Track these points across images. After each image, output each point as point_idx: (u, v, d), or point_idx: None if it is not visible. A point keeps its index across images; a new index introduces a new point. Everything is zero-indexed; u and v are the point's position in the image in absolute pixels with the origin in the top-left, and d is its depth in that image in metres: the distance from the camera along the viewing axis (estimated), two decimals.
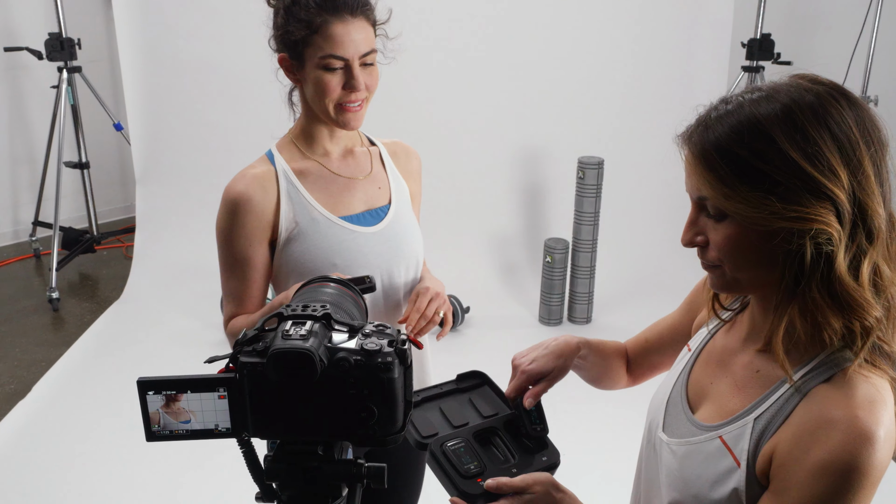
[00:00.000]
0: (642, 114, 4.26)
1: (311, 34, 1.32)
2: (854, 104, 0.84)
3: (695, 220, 0.91)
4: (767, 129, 0.83)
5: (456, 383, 1.23)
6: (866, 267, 0.83)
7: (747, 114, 0.84)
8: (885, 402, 0.84)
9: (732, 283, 0.92)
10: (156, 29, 4.06)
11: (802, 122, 0.82)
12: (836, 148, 0.82)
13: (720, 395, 0.97)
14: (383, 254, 1.45)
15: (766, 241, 0.85)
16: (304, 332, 0.79)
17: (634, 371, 1.30)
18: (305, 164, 1.45)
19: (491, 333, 3.79)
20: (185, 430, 0.82)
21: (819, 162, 0.81)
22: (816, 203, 0.81)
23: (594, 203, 3.75)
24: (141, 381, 0.81)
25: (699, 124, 0.88)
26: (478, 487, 1.01)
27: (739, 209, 0.84)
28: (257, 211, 1.39)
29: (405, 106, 3.91)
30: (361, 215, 1.46)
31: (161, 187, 4.26)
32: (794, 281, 0.85)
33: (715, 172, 0.85)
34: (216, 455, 2.63)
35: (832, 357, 0.87)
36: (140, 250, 4.24)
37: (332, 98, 1.35)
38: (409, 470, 1.67)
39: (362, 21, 1.35)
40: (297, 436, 0.83)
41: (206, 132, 4.18)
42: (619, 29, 4.17)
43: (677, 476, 0.97)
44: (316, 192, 1.43)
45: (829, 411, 0.83)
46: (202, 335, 3.68)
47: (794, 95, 0.84)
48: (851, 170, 0.82)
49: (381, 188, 1.50)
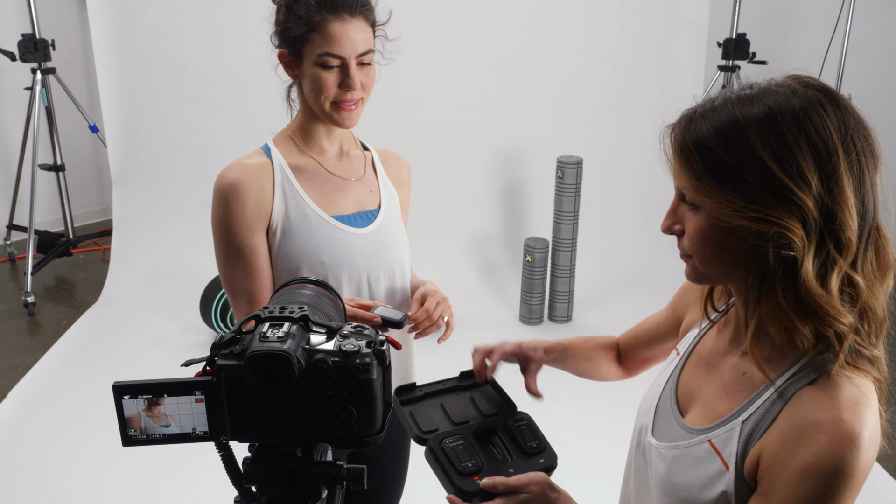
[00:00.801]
0: (621, 113, 4.28)
1: (309, 31, 1.34)
2: (841, 110, 0.84)
3: (675, 208, 0.93)
4: (744, 129, 0.83)
5: (459, 380, 1.24)
6: (835, 277, 0.83)
7: (730, 112, 0.85)
8: (869, 404, 0.84)
9: (702, 274, 0.93)
10: (131, 29, 4.02)
11: (781, 125, 0.82)
12: (810, 154, 0.81)
13: (708, 399, 0.98)
14: (371, 256, 1.45)
15: (728, 236, 0.86)
16: (281, 333, 0.78)
17: (626, 364, 1.32)
18: (302, 159, 1.45)
19: (471, 333, 3.75)
20: (162, 435, 0.82)
21: (789, 166, 0.81)
22: (781, 207, 0.82)
23: (573, 202, 3.77)
24: (116, 385, 0.80)
25: (684, 118, 0.90)
26: (474, 485, 1.01)
27: (706, 202, 0.86)
28: (254, 199, 1.38)
29: (385, 106, 3.90)
30: (352, 216, 1.46)
31: (138, 189, 4.22)
32: (758, 282, 0.86)
33: (689, 164, 0.87)
34: (197, 459, 2.61)
35: (815, 360, 0.87)
36: (117, 253, 4.20)
37: (328, 96, 1.36)
38: (392, 470, 1.66)
39: (361, 21, 1.36)
40: (276, 438, 0.82)
41: (184, 133, 4.15)
42: (596, 30, 4.20)
43: (667, 480, 0.98)
44: (310, 189, 1.43)
45: (814, 414, 0.84)
46: (181, 338, 3.65)
47: (779, 98, 0.84)
48: (824, 178, 0.81)
49: (373, 192, 1.51)
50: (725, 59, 4.09)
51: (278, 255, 1.41)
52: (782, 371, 0.89)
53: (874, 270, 0.86)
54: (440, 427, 1.12)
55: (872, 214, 0.85)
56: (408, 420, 1.14)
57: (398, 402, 1.18)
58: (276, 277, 1.43)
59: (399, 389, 1.20)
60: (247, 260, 1.39)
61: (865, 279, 0.86)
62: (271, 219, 1.40)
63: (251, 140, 1.60)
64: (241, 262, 1.39)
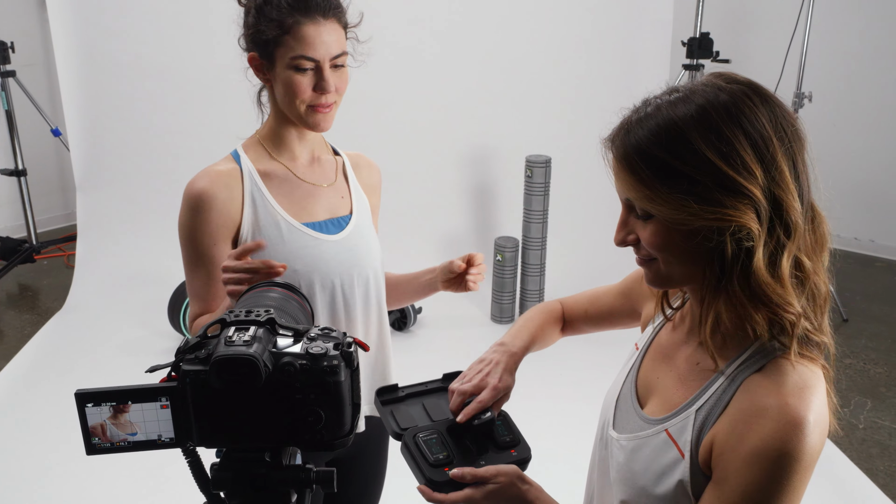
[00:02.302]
0: (588, 112, 4.31)
1: (282, 34, 1.31)
2: (767, 101, 0.86)
3: (625, 220, 0.94)
4: (683, 131, 0.85)
5: (441, 382, 1.25)
6: (786, 261, 0.86)
7: (664, 116, 0.87)
8: (816, 388, 0.86)
9: (666, 278, 0.94)
10: (93, 31, 3.95)
11: (717, 122, 0.84)
12: (750, 146, 0.84)
13: (665, 389, 1.00)
14: (343, 263, 1.44)
15: (690, 239, 0.87)
16: (247, 337, 0.78)
17: (568, 331, 1.36)
18: (272, 165, 1.43)
19: (443, 333, 3.80)
20: (126, 442, 0.81)
21: (734, 160, 0.83)
22: (734, 200, 0.84)
23: (542, 201, 3.79)
24: (79, 393, 0.79)
25: (621, 128, 0.91)
26: (444, 476, 1.02)
27: (661, 210, 0.87)
28: (221, 209, 1.37)
29: (354, 108, 3.89)
30: (324, 223, 1.45)
31: (103, 194, 4.15)
32: (716, 276, 0.88)
33: (636, 175, 0.88)
34: (167, 466, 2.58)
35: (764, 347, 0.89)
36: (82, 259, 4.13)
37: (302, 99, 1.34)
38: (371, 472, 1.66)
39: (334, 23, 1.34)
40: (244, 443, 0.82)
41: (149, 137, 4.09)
42: (563, 30, 4.23)
43: (627, 470, 0.99)
44: (280, 197, 1.41)
45: (761, 400, 0.86)
46: (150, 344, 3.61)
47: (709, 96, 0.86)
48: (766, 166, 0.84)
49: (344, 198, 1.49)
50: (690, 57, 4.14)
51: None
52: (733, 359, 0.91)
53: (812, 246, 0.89)
54: (418, 423, 1.14)
55: (807, 194, 0.89)
56: (388, 418, 1.15)
57: (379, 402, 1.19)
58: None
59: (381, 390, 1.21)
60: (206, 268, 1.38)
61: (809, 259, 0.88)
62: (241, 227, 1.39)
63: (219, 143, 1.58)
64: (201, 269, 1.39)
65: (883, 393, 3.33)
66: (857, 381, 3.43)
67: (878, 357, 3.65)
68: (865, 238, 4.92)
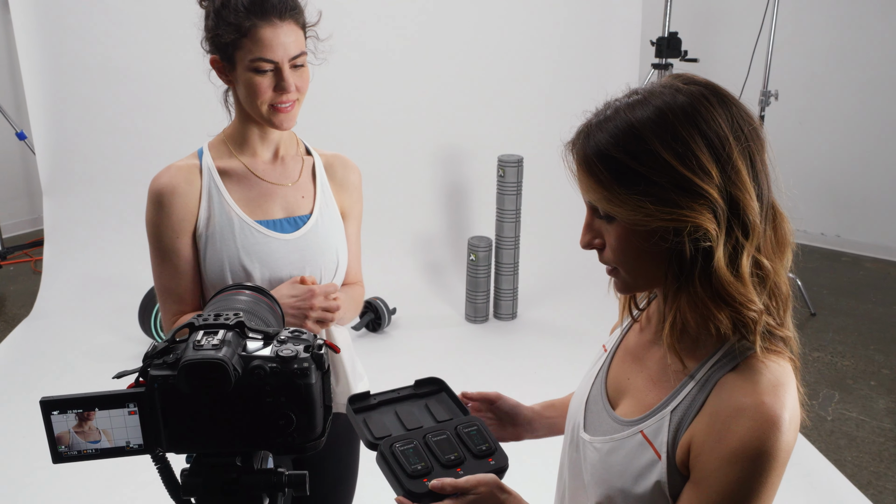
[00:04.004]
0: (559, 111, 4.33)
1: (240, 37, 1.33)
2: (724, 101, 0.88)
3: (590, 223, 0.95)
4: (641, 132, 0.86)
5: (413, 388, 1.23)
6: (745, 260, 0.87)
7: (623, 119, 0.88)
8: (788, 385, 0.88)
9: (631, 284, 0.95)
10: (57, 32, 3.88)
11: (673, 124, 0.85)
12: (706, 147, 0.85)
13: (638, 390, 1.00)
14: (295, 262, 1.44)
15: (648, 239, 0.88)
16: (216, 341, 0.77)
17: None
18: (231, 163, 1.45)
19: (418, 333, 3.80)
20: (94, 450, 0.79)
21: (689, 161, 0.84)
22: (691, 201, 0.85)
23: (515, 200, 3.80)
24: (44, 400, 0.77)
25: (581, 132, 0.92)
26: (423, 487, 1.01)
27: (619, 211, 0.88)
28: (182, 202, 1.40)
29: (325, 107, 3.87)
30: (279, 221, 1.45)
31: (70, 198, 4.09)
32: (677, 276, 0.89)
33: (596, 177, 0.89)
34: (141, 473, 2.54)
35: (735, 347, 0.90)
36: (50, 264, 4.05)
37: (263, 100, 1.36)
38: (342, 474, 1.65)
39: (291, 24, 1.36)
40: (214, 448, 0.81)
41: (116, 138, 4.03)
42: (533, 30, 4.25)
43: (602, 473, 0.99)
44: (236, 193, 1.43)
45: (737, 399, 0.87)
46: (121, 349, 3.55)
47: (666, 98, 0.87)
48: (722, 166, 0.85)
49: (305, 198, 1.49)
50: (659, 57, 4.18)
51: (204, 259, 1.42)
52: (705, 360, 0.92)
53: (773, 247, 0.90)
54: (393, 432, 1.12)
55: (767, 194, 0.90)
56: (361, 427, 1.14)
57: (351, 410, 1.18)
58: (204, 281, 1.44)
59: (353, 398, 1.20)
60: (173, 263, 1.42)
61: (769, 259, 0.89)
62: (197, 222, 1.42)
63: (188, 145, 1.57)
64: (168, 265, 1.42)
65: (850, 385, 3.40)
66: (826, 374, 3.49)
67: (846, 350, 3.72)
68: (831, 234, 5.01)
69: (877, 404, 3.24)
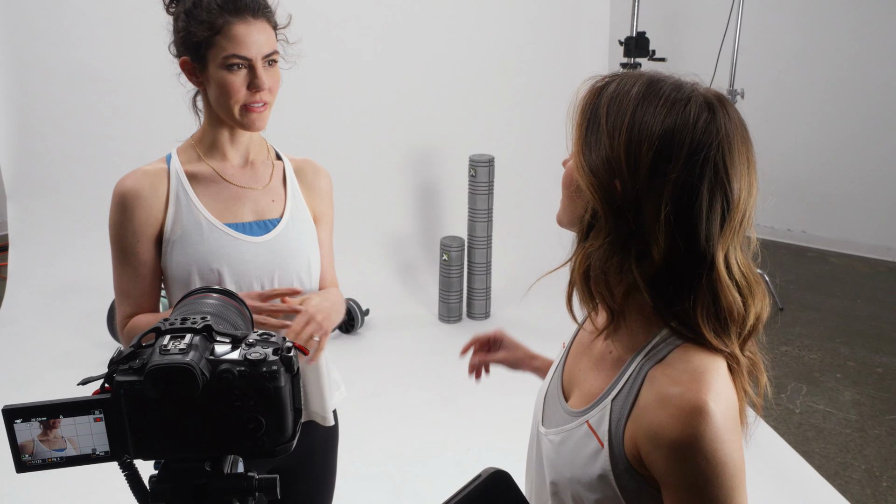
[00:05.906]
0: (529, 110, 4.36)
1: (213, 35, 1.33)
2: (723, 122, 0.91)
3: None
4: (627, 105, 0.88)
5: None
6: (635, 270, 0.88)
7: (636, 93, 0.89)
8: (714, 371, 0.87)
9: (560, 216, 0.98)
10: (21, 34, 3.81)
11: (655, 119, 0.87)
12: (656, 152, 0.85)
13: (585, 381, 1.02)
14: (265, 265, 1.43)
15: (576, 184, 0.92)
16: (183, 345, 0.76)
17: None
18: (199, 167, 1.44)
19: (391, 334, 3.79)
20: (59, 458, 0.78)
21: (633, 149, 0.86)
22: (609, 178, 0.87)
23: (487, 200, 3.81)
24: (6, 409, 0.76)
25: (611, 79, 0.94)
26: None
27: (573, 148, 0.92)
28: (145, 207, 1.39)
29: (296, 108, 3.85)
30: (248, 224, 1.44)
31: (35, 202, 4.02)
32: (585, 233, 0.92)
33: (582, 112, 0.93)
34: (115, 479, 2.50)
35: (665, 338, 0.91)
36: (15, 270, 3.98)
37: (237, 99, 1.36)
38: (320, 478, 1.64)
39: (264, 23, 1.36)
40: (183, 453, 0.80)
41: (82, 142, 3.97)
42: (504, 31, 4.26)
43: (555, 463, 1.01)
44: (204, 197, 1.42)
45: (663, 390, 0.87)
46: (89, 355, 3.50)
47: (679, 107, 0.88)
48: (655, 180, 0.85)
49: (276, 201, 1.48)
50: (627, 56, 4.23)
51: (171, 262, 1.41)
52: (639, 350, 0.93)
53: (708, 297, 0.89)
54: None
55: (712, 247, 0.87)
56: None
57: None
58: (170, 285, 1.43)
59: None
60: (132, 266, 1.41)
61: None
62: (164, 226, 1.41)
63: (156, 149, 1.56)
64: (127, 267, 1.42)
65: (817, 378, 3.46)
66: (793, 368, 3.55)
67: (812, 343, 3.79)
68: (798, 229, 5.10)
69: (843, 396, 3.31)
